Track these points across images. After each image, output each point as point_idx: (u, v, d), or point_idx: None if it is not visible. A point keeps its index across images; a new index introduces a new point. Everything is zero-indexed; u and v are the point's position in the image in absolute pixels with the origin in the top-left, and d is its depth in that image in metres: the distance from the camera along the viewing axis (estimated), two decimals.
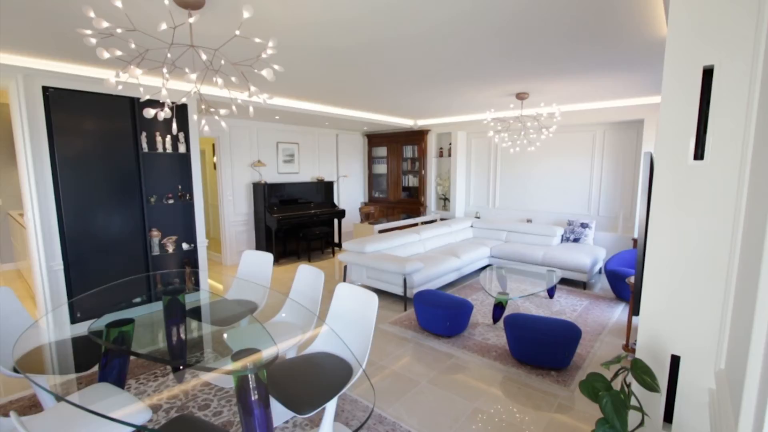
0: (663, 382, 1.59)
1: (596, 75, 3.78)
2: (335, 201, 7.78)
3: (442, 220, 7.28)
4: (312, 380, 1.95)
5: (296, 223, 6.51)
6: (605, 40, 2.77)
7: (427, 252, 5.36)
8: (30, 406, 2.59)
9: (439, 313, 3.47)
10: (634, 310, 1.97)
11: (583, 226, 5.65)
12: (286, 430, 2.32)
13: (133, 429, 1.58)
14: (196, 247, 4.61)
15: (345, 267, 4.84)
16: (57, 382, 2.75)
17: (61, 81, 3.51)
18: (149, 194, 4.21)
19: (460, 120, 6.91)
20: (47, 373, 2.24)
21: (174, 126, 2.24)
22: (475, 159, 7.27)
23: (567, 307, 4.33)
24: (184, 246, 4.54)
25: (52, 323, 3.67)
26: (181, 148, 4.39)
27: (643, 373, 1.49)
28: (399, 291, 4.34)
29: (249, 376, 1.64)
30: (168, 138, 4.26)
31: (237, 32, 1.85)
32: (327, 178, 7.68)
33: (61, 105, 3.57)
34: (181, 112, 4.27)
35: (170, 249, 4.42)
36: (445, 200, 7.66)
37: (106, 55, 1.74)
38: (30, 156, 3.43)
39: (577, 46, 2.88)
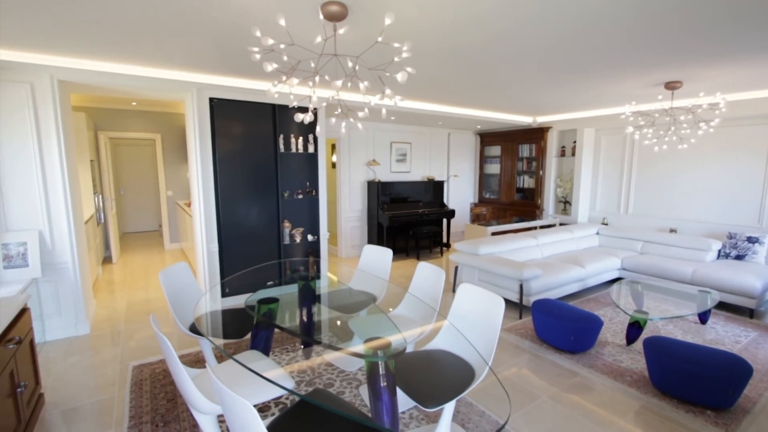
0: None
1: None
2: (444, 201, 7.75)
3: (561, 224, 6.71)
4: (435, 376, 1.97)
5: (406, 221, 6.67)
6: None
7: (545, 258, 4.99)
8: (195, 361, 3.13)
9: (562, 326, 3.20)
10: None
11: (751, 240, 4.64)
12: (402, 420, 2.39)
13: (283, 393, 1.80)
14: (319, 238, 5.05)
15: (456, 268, 4.79)
16: (212, 345, 3.27)
17: (221, 92, 4.16)
18: (283, 190, 4.75)
19: (588, 115, 6.26)
20: (209, 336, 2.69)
21: (318, 128, 2.49)
22: (605, 158, 6.51)
23: (726, 337, 3.60)
24: (309, 237, 5.01)
25: (209, 296, 4.40)
26: (310, 149, 4.85)
27: None
28: (513, 297, 4.13)
29: (379, 363, 1.73)
30: (300, 139, 4.75)
31: (379, 38, 1.96)
32: (437, 178, 7.70)
33: (221, 113, 4.24)
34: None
35: (297, 239, 4.93)
36: (565, 203, 7.04)
37: (269, 68, 2.01)
38: (199, 156, 4.15)
39: (757, 18, 2.36)
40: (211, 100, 4.14)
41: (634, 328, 3.35)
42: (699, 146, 5.32)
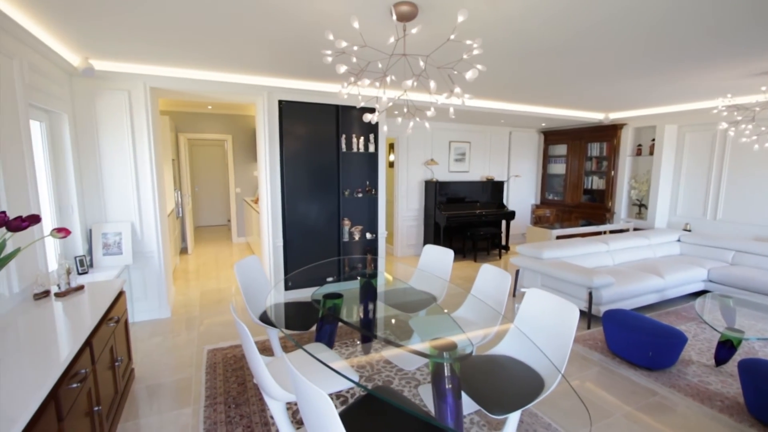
0: None
1: None
2: (504, 201, 7.49)
3: (635, 229, 6.20)
4: (501, 382, 1.91)
5: (464, 221, 6.54)
6: None
7: (617, 265, 4.64)
8: (262, 350, 3.31)
9: (639, 339, 2.95)
10: None
11: None
12: (463, 425, 2.35)
13: (345, 386, 1.84)
14: (377, 237, 5.11)
15: (517, 271, 4.60)
16: (271, 337, 3.42)
17: (289, 95, 4.35)
18: (344, 188, 4.86)
19: (670, 110, 5.72)
20: (282, 328, 2.82)
21: (385, 128, 2.52)
22: (689, 157, 5.90)
23: None
24: (368, 235, 5.09)
25: (275, 289, 4.63)
26: (371, 148, 4.92)
27: None
28: (580, 305, 3.88)
29: (444, 364, 1.71)
30: (361, 139, 4.83)
31: (452, 36, 1.94)
32: (497, 178, 7.46)
33: (288, 114, 4.43)
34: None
35: (356, 237, 5.02)
36: (640, 206, 6.49)
37: (342, 69, 2.06)
38: (268, 156, 4.38)
39: None
40: (280, 102, 4.34)
41: (725, 348, 3.00)
42: None
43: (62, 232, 1.86)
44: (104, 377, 2.12)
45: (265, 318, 2.74)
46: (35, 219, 1.73)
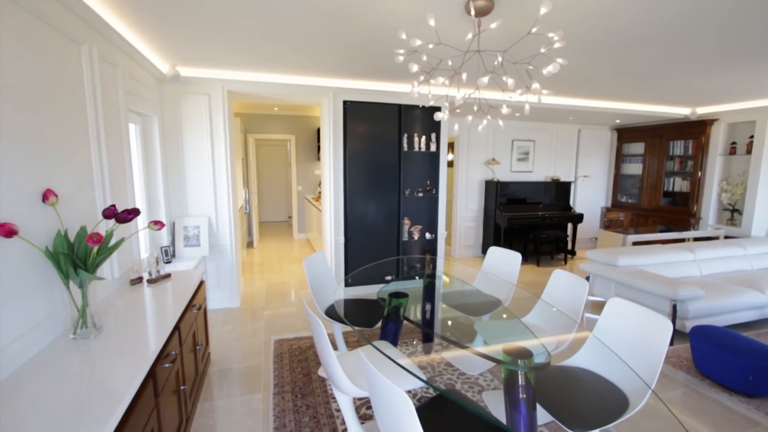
0: None
1: None
2: (570, 203, 7.06)
3: (727, 237, 5.55)
4: (580, 396, 1.79)
5: (525, 223, 6.27)
6: None
7: (705, 277, 4.17)
8: None
9: (736, 361, 2.63)
10: None
11: None
12: None
13: (413, 386, 1.82)
14: (437, 237, 5.05)
15: (588, 278, 4.31)
16: (336, 331, 3.49)
17: (354, 95, 4.43)
18: (405, 187, 4.86)
19: None
20: (353, 327, 2.87)
21: (456, 126, 2.47)
22: None
23: None
24: (427, 235, 5.05)
25: (337, 285, 4.75)
26: (432, 147, 4.87)
27: None
28: None
29: (519, 373, 1.64)
30: (423, 138, 4.80)
31: (534, 29, 1.84)
32: (563, 178, 7.05)
33: (352, 114, 4.52)
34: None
35: (416, 236, 5.01)
36: (732, 212, 5.79)
37: (414, 68, 2.05)
38: (332, 155, 4.49)
39: None
40: (345, 102, 4.44)
41: None
42: None
43: (158, 224, 2.04)
44: (188, 359, 2.30)
45: (330, 312, 2.81)
46: (137, 212, 1.91)
